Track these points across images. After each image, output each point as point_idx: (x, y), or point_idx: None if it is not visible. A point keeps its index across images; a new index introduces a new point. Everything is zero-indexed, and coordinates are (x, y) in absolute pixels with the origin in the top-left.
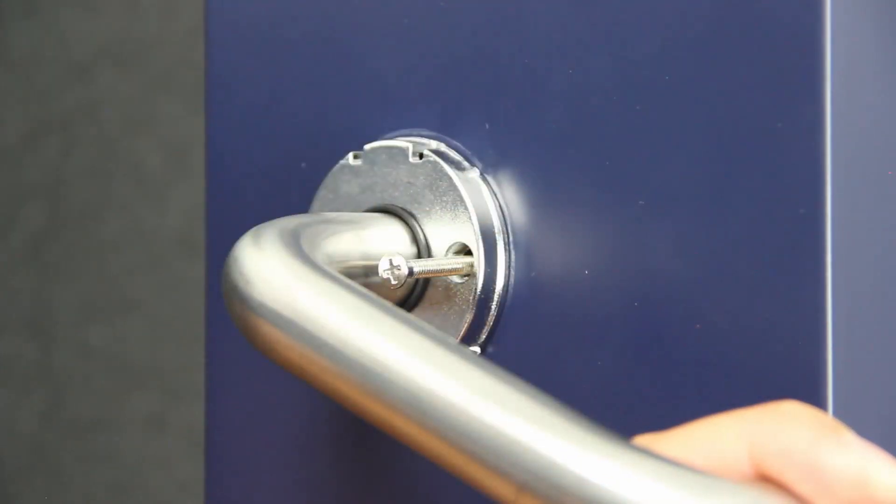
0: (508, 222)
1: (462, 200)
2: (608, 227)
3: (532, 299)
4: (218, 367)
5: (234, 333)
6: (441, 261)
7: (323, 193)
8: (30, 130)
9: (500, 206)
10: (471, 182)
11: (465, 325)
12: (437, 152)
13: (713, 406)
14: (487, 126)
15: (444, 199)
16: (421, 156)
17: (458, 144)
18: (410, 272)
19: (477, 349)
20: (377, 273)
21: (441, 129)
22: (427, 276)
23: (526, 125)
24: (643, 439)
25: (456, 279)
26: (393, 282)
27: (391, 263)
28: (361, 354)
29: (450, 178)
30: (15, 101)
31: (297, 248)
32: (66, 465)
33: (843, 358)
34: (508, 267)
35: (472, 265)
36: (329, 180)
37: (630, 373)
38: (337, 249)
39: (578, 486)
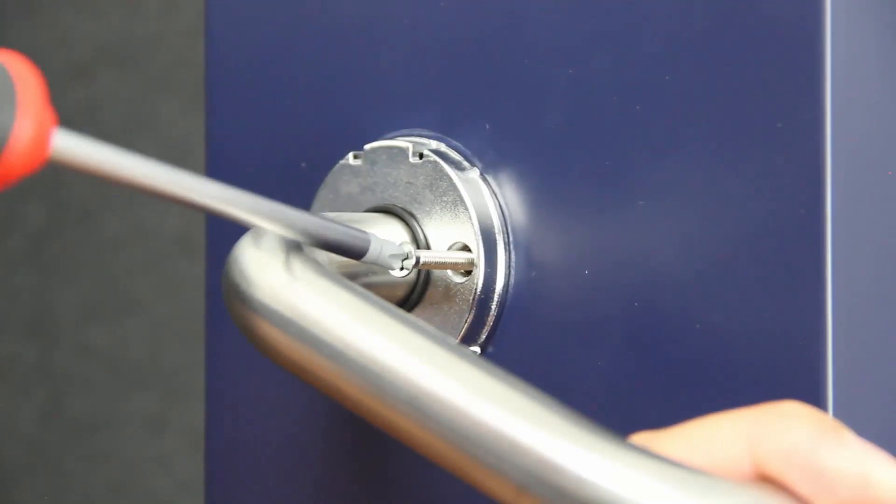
0: (508, 222)
1: (462, 200)
2: (608, 227)
3: (532, 299)
4: (218, 367)
5: (234, 333)
6: (444, 253)
7: (323, 193)
8: None
9: (500, 206)
10: (471, 182)
11: (465, 325)
12: (437, 152)
13: (713, 406)
14: (487, 126)
15: (444, 199)
16: (421, 156)
17: (459, 144)
18: (417, 261)
19: (477, 349)
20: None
21: (441, 130)
22: (431, 267)
23: (526, 125)
24: (642, 437)
25: (456, 279)
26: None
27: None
28: (361, 354)
29: (450, 179)
30: None
31: (298, 247)
32: (66, 465)
33: (843, 358)
34: (508, 267)
35: (472, 261)
36: (329, 180)
37: (630, 373)
38: None
39: (579, 487)
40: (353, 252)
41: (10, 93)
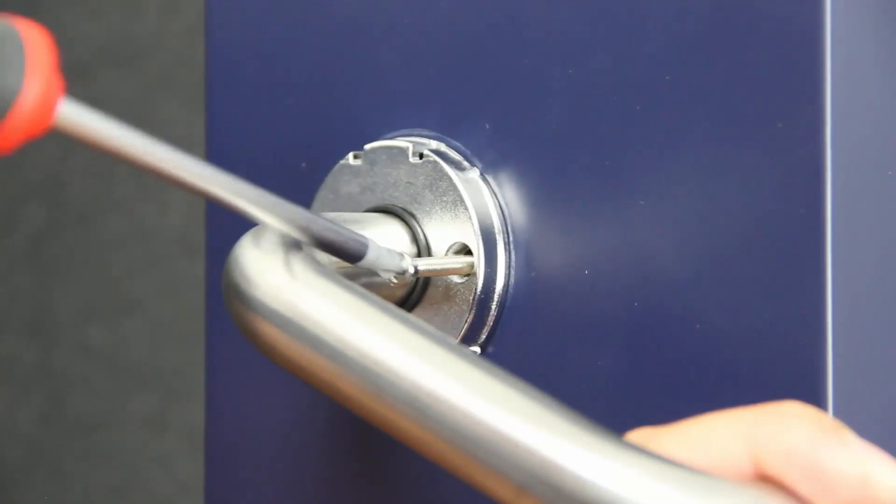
0: (508, 222)
1: (462, 200)
2: (608, 227)
3: (532, 299)
4: (218, 367)
5: (234, 333)
6: (443, 260)
7: (323, 193)
8: None
9: (500, 206)
10: (471, 182)
11: (465, 325)
12: (437, 152)
13: (713, 406)
14: (487, 126)
15: (444, 199)
16: (421, 156)
17: (459, 144)
18: (416, 271)
19: (477, 349)
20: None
21: (441, 129)
22: (430, 275)
23: (526, 125)
24: (641, 433)
25: (456, 279)
26: (395, 280)
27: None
28: (361, 354)
29: (450, 178)
30: None
31: (298, 247)
32: (66, 465)
33: (843, 358)
34: (508, 267)
35: (472, 265)
36: (329, 180)
37: (630, 373)
38: None
39: (579, 487)
40: (349, 255)
41: (20, 57)
